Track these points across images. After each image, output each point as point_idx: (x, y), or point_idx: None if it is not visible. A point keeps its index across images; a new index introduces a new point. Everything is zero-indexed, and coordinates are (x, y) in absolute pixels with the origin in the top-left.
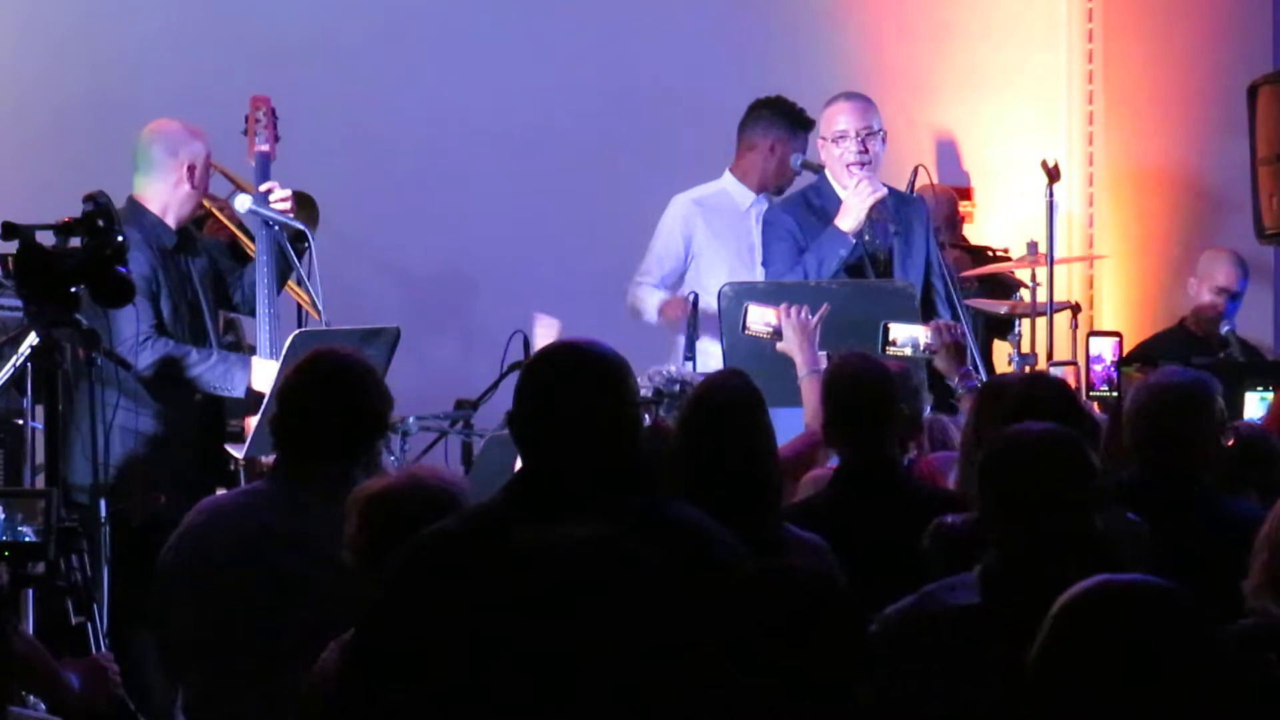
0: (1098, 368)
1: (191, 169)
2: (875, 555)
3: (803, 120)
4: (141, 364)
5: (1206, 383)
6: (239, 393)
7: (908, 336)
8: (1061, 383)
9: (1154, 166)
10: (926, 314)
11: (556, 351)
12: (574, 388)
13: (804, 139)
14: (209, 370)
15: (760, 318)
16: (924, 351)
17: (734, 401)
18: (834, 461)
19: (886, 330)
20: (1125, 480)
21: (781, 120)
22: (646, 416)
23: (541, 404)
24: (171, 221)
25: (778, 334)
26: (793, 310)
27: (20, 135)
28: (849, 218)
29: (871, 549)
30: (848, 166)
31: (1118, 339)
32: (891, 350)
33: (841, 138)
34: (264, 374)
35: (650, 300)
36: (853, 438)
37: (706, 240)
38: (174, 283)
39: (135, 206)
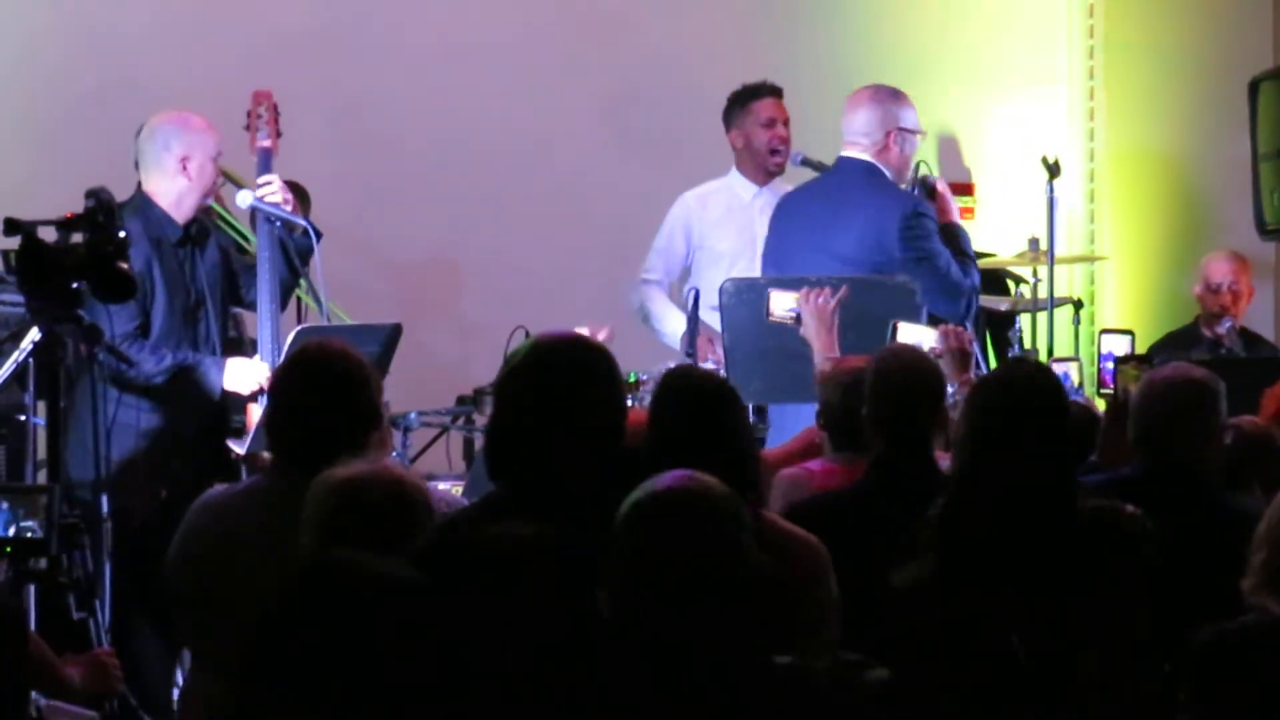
0: (1109, 365)
1: (186, 162)
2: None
3: (746, 94)
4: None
5: (1212, 380)
6: (214, 395)
7: (915, 339)
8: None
9: (1155, 162)
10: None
11: (537, 346)
12: (555, 381)
13: (760, 104)
14: (184, 374)
15: (783, 304)
16: (929, 355)
17: (707, 391)
18: (818, 462)
19: (895, 330)
20: (1128, 476)
21: (736, 109)
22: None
23: (524, 399)
24: (178, 215)
25: (799, 320)
26: (812, 295)
27: (21, 131)
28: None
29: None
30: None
31: (1130, 337)
32: None
33: (918, 133)
34: (237, 374)
35: (668, 323)
36: (899, 431)
37: (708, 232)
38: (173, 277)
39: (143, 200)
